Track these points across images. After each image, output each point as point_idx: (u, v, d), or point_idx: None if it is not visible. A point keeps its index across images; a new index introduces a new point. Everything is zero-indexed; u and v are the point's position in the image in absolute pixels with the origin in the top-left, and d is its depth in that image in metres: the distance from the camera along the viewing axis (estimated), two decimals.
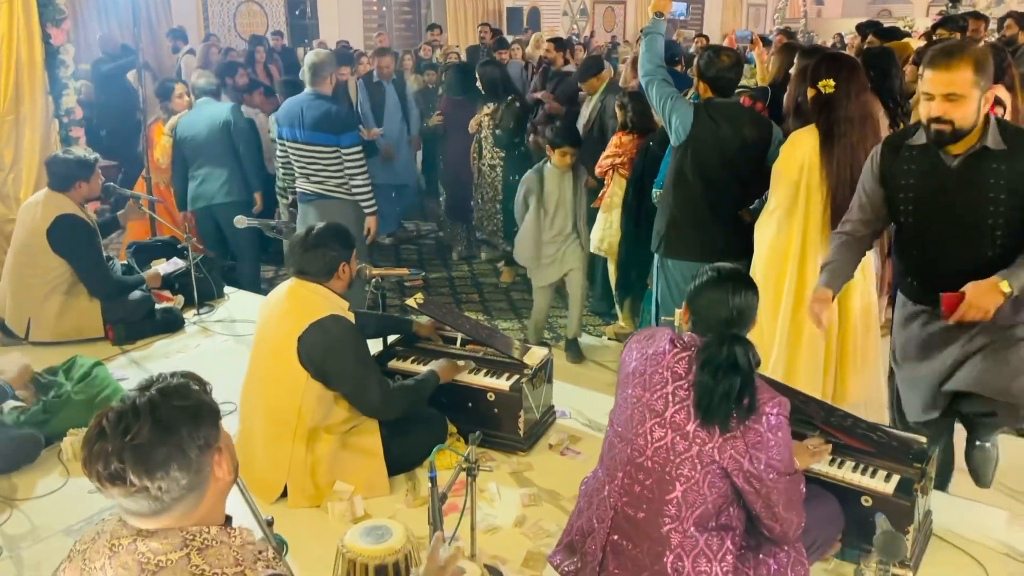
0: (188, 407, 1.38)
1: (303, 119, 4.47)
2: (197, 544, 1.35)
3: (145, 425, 1.32)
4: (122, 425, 1.33)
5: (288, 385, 2.79)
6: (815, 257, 3.13)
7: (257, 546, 1.42)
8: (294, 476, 2.82)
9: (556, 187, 4.38)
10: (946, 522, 2.61)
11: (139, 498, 1.33)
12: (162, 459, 1.32)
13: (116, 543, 1.37)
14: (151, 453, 1.32)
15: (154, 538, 1.35)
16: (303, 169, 4.60)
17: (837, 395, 3.30)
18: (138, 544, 1.35)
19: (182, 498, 1.36)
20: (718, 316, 2.04)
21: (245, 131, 5.30)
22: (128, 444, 1.31)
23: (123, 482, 1.31)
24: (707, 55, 3.47)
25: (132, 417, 1.33)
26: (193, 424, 1.37)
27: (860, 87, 3.04)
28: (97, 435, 1.33)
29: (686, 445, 2.00)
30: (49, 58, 5.05)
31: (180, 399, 1.38)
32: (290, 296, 2.87)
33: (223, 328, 4.42)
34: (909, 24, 9.58)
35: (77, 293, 4.14)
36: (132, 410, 1.34)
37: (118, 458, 1.30)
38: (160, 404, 1.36)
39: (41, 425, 3.19)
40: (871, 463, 2.48)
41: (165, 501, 1.34)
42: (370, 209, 4.63)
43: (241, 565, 1.35)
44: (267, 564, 1.38)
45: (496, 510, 2.77)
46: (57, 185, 4.11)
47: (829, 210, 3.10)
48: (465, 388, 3.13)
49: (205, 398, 1.43)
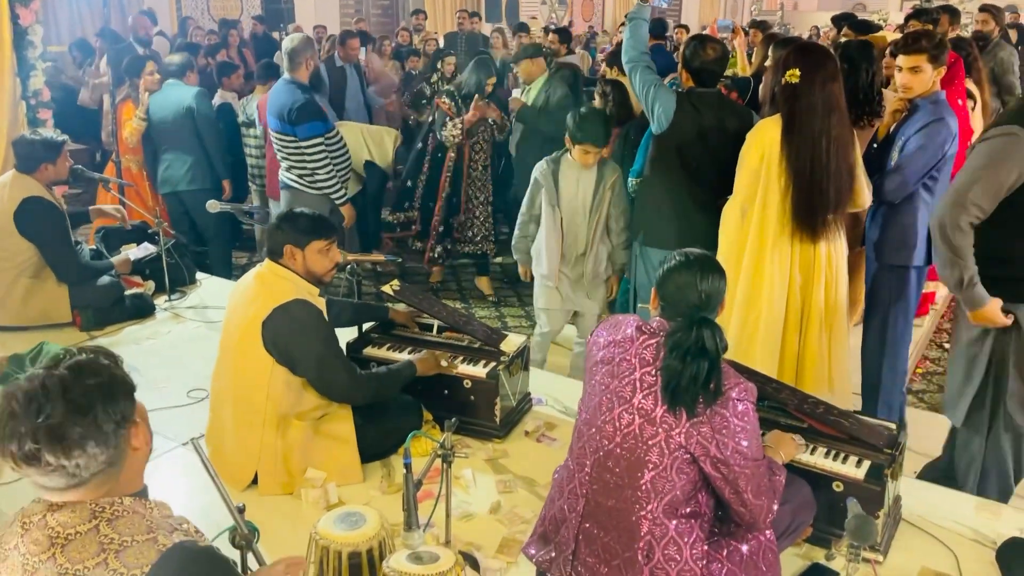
0: (101, 384, 1.36)
1: (272, 108, 4.48)
2: (107, 515, 1.35)
3: (58, 405, 1.31)
4: (34, 406, 1.31)
5: (255, 371, 2.75)
6: (774, 247, 3.12)
7: (177, 519, 1.42)
8: (265, 463, 2.78)
9: (574, 185, 3.71)
10: (916, 507, 2.65)
11: (55, 476, 1.32)
12: (78, 438, 1.31)
13: (27, 520, 1.37)
14: (66, 432, 1.30)
15: (63, 511, 1.35)
16: (278, 157, 4.64)
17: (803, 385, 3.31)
18: (47, 518, 1.35)
19: (101, 471, 1.36)
20: (687, 300, 2.04)
21: (209, 118, 5.22)
22: (41, 425, 1.29)
23: (38, 462, 1.30)
24: (693, 45, 3.47)
25: (43, 397, 1.31)
26: (108, 400, 1.36)
27: (827, 77, 3.01)
28: (8, 416, 1.31)
29: (653, 431, 2.00)
30: (17, 39, 4.94)
31: (92, 376, 1.36)
32: (258, 280, 2.84)
33: (195, 314, 4.36)
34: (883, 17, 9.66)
35: (44, 277, 4.06)
36: (42, 390, 1.32)
37: (32, 439, 1.29)
38: (72, 383, 1.34)
39: None
40: (842, 449, 2.50)
41: (83, 476, 1.34)
42: (340, 200, 4.64)
43: (154, 532, 1.35)
44: (185, 534, 1.38)
45: (471, 497, 2.76)
46: (23, 167, 4.02)
47: (789, 199, 3.10)
48: (441, 376, 3.11)
49: (117, 372, 1.41)
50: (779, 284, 3.14)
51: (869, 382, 3.57)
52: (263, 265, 2.86)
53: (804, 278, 3.19)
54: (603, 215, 3.71)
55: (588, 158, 3.64)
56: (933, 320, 5.03)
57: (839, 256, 3.24)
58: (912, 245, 3.29)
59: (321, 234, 2.82)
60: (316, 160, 4.50)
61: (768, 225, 3.13)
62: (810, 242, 3.11)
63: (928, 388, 4.34)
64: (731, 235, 3.24)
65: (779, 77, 3.11)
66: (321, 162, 4.51)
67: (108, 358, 1.42)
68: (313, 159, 4.50)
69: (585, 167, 3.67)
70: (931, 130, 3.10)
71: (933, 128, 3.10)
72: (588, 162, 3.66)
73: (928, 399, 4.22)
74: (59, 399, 1.31)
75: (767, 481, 2.06)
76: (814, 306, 3.21)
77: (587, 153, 3.63)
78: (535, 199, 3.78)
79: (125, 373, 1.43)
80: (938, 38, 3.20)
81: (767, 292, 3.16)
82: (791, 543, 2.38)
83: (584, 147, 3.61)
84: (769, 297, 3.15)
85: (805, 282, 3.19)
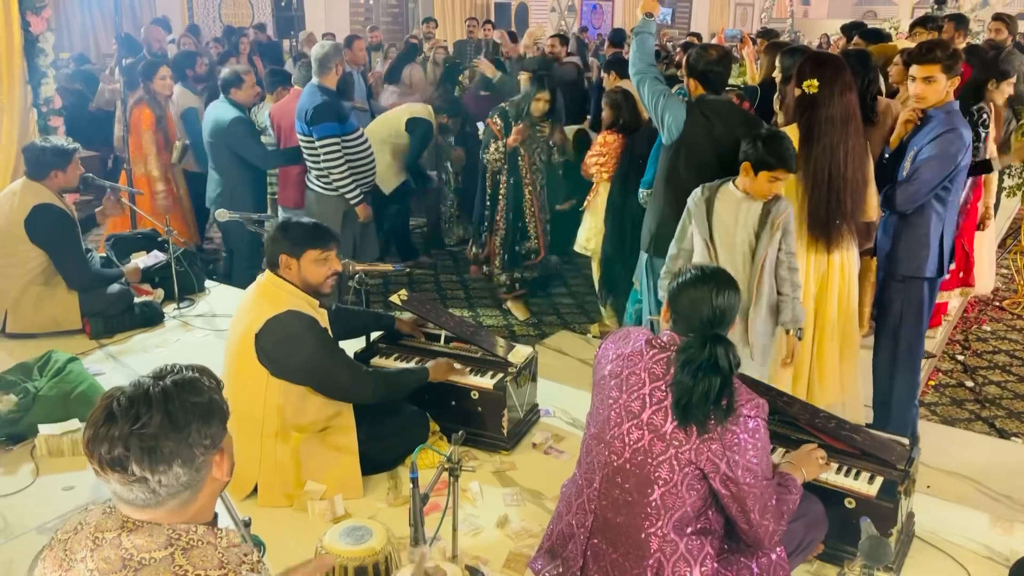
0: (201, 404, 1.36)
1: (297, 112, 4.57)
2: (182, 544, 1.34)
3: (157, 415, 1.30)
4: (133, 411, 1.31)
5: (251, 382, 2.73)
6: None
7: (242, 548, 1.40)
8: (265, 474, 2.76)
9: (732, 221, 3.06)
10: (929, 524, 2.61)
11: (136, 488, 1.31)
12: (167, 453, 1.30)
13: (100, 535, 1.35)
14: (157, 445, 1.30)
15: (139, 533, 1.33)
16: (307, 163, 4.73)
17: (815, 396, 3.29)
18: (122, 538, 1.33)
19: (177, 494, 1.34)
20: (700, 315, 2.01)
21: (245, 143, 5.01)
22: (136, 432, 1.29)
23: (124, 470, 1.29)
24: (695, 51, 3.47)
25: (143, 405, 1.31)
26: (203, 422, 1.35)
27: (844, 87, 3.03)
28: (105, 418, 1.31)
29: (663, 447, 1.98)
30: (28, 46, 4.95)
31: (195, 395, 1.36)
32: (258, 291, 2.82)
33: (203, 323, 4.36)
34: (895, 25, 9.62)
35: (55, 284, 4.07)
36: (144, 398, 1.32)
37: (124, 445, 1.28)
38: (174, 396, 1.34)
39: (14, 423, 3.13)
40: (855, 465, 2.47)
41: (161, 495, 1.33)
42: (355, 200, 4.68)
43: (225, 568, 1.34)
44: (252, 568, 1.36)
45: (478, 510, 2.74)
46: (33, 173, 4.04)
47: (806, 210, 3.08)
48: (448, 386, 3.09)
49: (217, 396, 1.41)
50: None
51: (881, 395, 3.53)
52: (264, 276, 2.84)
53: (818, 287, 3.17)
54: (770, 258, 3.03)
55: (777, 187, 3.00)
56: (946, 331, 4.98)
57: (851, 266, 3.23)
58: (924, 256, 3.26)
59: (316, 243, 2.75)
60: (330, 160, 4.56)
61: None
62: (824, 251, 3.10)
63: (941, 401, 4.29)
64: None
65: (795, 87, 3.09)
66: (335, 162, 4.56)
67: (211, 380, 1.43)
68: (327, 159, 4.55)
69: (763, 199, 3.02)
70: (944, 140, 3.08)
71: (946, 138, 3.08)
72: (773, 191, 3.01)
73: (941, 412, 4.17)
74: (159, 410, 1.31)
75: (775, 502, 2.03)
76: (827, 316, 3.19)
77: (777, 181, 2.97)
78: (687, 231, 3.20)
79: (223, 399, 1.43)
80: (952, 48, 3.18)
81: None
82: (803, 560, 2.35)
83: (776, 174, 2.94)
84: None
85: (819, 291, 3.17)
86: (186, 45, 7.57)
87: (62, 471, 2.97)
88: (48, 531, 2.65)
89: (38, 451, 3.07)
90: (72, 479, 2.93)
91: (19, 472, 2.99)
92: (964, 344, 4.98)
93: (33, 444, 3.10)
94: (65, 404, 3.18)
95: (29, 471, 2.99)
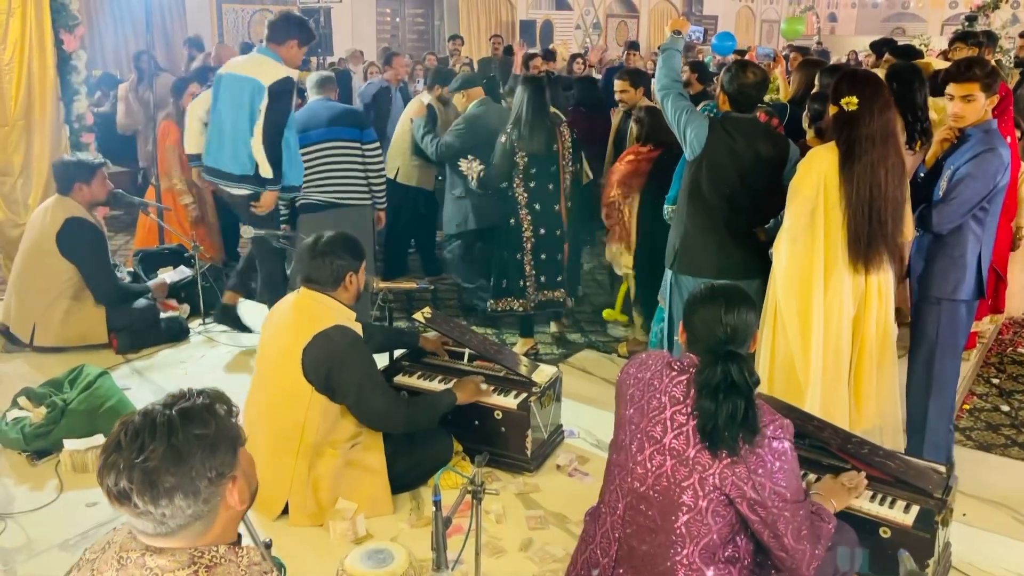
0: (206, 436, 1.34)
1: (321, 118, 4.47)
2: (205, 562, 1.34)
3: (160, 447, 1.30)
4: (138, 442, 1.30)
5: (292, 399, 2.73)
6: (837, 280, 3.05)
7: (263, 567, 1.40)
8: (296, 493, 2.75)
9: None
10: (966, 555, 2.53)
11: (145, 519, 1.32)
12: (168, 488, 1.29)
13: (124, 555, 1.36)
14: (158, 479, 1.29)
15: (162, 555, 1.34)
16: (322, 173, 4.48)
17: (853, 419, 3.21)
18: (146, 559, 1.34)
19: (188, 525, 1.34)
20: (713, 334, 1.98)
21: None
22: (138, 465, 1.29)
23: (128, 502, 1.30)
24: (733, 69, 3.43)
25: (148, 435, 1.31)
26: (208, 454, 1.33)
27: (884, 104, 2.97)
28: (114, 446, 1.32)
29: (686, 472, 1.93)
30: (61, 64, 5.05)
31: (200, 426, 1.34)
32: (296, 307, 2.82)
33: (228, 339, 4.37)
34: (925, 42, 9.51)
35: (84, 299, 4.11)
36: (151, 428, 1.32)
37: (127, 477, 1.29)
38: (178, 428, 1.32)
39: (44, 436, 3.15)
40: (889, 492, 2.40)
41: (170, 526, 1.32)
42: (381, 205, 4.71)
43: None
44: None
45: (502, 533, 2.70)
46: (61, 188, 4.11)
47: (847, 230, 3.02)
48: (472, 406, 3.06)
49: (225, 424, 1.39)
50: (836, 316, 3.06)
51: (915, 420, 3.43)
52: (299, 292, 2.84)
53: (856, 310, 3.11)
54: None
55: None
56: (980, 354, 4.87)
57: (888, 287, 3.16)
58: (961, 278, 3.18)
59: (363, 255, 2.89)
60: (377, 163, 4.62)
61: (830, 256, 3.05)
62: (863, 272, 3.03)
63: (976, 426, 4.18)
64: (785, 267, 3.16)
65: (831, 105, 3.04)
66: (381, 166, 4.65)
67: (223, 405, 1.41)
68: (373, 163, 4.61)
69: None
70: (982, 160, 3.01)
71: (984, 158, 3.01)
72: None
73: (976, 437, 4.06)
74: (162, 442, 1.30)
75: (809, 524, 1.97)
76: (866, 338, 3.12)
77: None
78: None
79: (234, 425, 1.41)
80: (990, 66, 3.11)
81: (828, 325, 3.08)
82: None
83: None
84: (836, 328, 3.07)
85: (857, 314, 3.11)
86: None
87: (86, 487, 2.98)
88: (71, 548, 2.65)
89: (63, 466, 3.08)
90: (96, 495, 2.91)
91: (44, 487, 3.00)
92: (999, 367, 4.86)
93: (58, 459, 3.11)
94: (93, 418, 3.19)
95: (53, 486, 3.00)
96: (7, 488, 2.99)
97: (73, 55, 5.08)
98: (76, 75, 5.11)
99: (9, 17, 4.76)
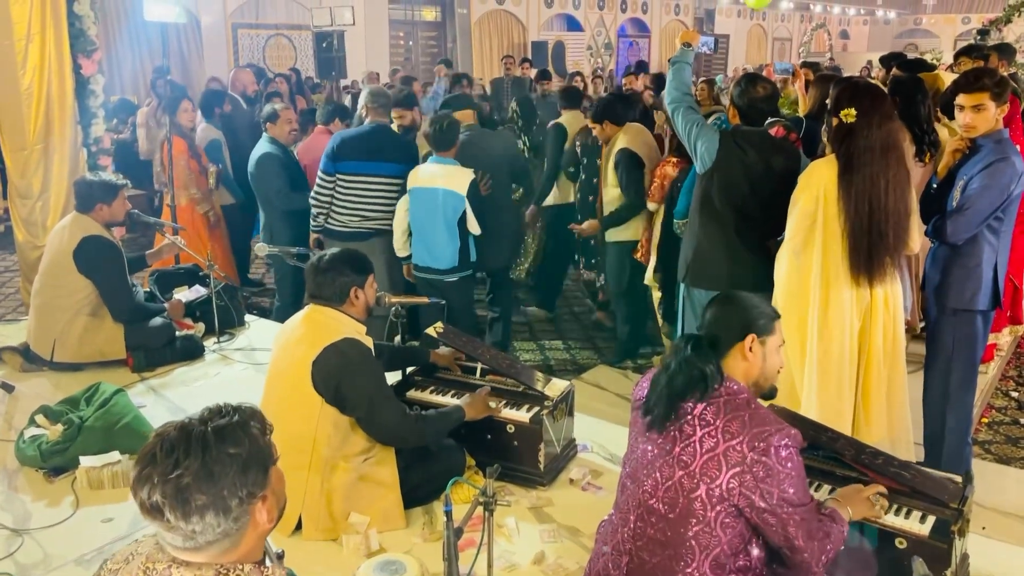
0: (239, 455, 1.35)
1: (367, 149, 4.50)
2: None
3: (194, 464, 1.31)
4: (173, 457, 1.32)
5: (303, 413, 2.74)
6: (838, 293, 3.03)
7: None
8: (309, 508, 2.76)
9: None
10: (984, 567, 2.49)
11: (174, 534, 1.33)
12: (200, 505, 1.31)
13: (151, 567, 1.37)
14: (190, 496, 1.30)
15: (189, 568, 1.35)
16: (360, 204, 4.56)
17: (862, 433, 3.19)
18: (173, 571, 1.35)
19: (217, 542, 1.35)
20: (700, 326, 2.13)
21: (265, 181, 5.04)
22: (171, 480, 1.30)
23: (160, 516, 1.31)
24: (743, 83, 3.45)
25: (183, 451, 1.32)
26: (240, 474, 1.35)
27: (884, 116, 2.95)
28: (149, 458, 1.33)
29: (693, 484, 1.94)
30: (79, 88, 5.14)
31: (234, 444, 1.35)
32: (306, 322, 2.84)
33: (243, 356, 4.40)
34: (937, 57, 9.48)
35: (102, 316, 4.15)
36: (186, 443, 1.33)
37: (161, 492, 1.30)
38: (212, 446, 1.34)
39: (61, 453, 3.17)
40: (905, 503, 2.37)
41: (199, 541, 1.34)
42: None
43: None
44: None
45: (514, 547, 2.69)
46: (81, 206, 4.16)
47: (847, 243, 3.01)
48: (484, 419, 3.06)
49: (259, 444, 1.40)
50: (837, 329, 3.04)
51: (932, 433, 3.40)
52: (309, 308, 2.87)
53: (862, 323, 3.09)
54: None
55: None
56: (999, 366, 4.81)
57: (896, 299, 3.13)
58: (977, 288, 3.16)
59: (369, 268, 2.91)
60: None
61: (830, 268, 3.04)
62: (867, 285, 3.01)
63: (995, 439, 4.13)
64: (785, 280, 3.15)
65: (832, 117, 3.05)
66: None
67: (257, 424, 1.42)
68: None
69: None
70: (995, 169, 3.00)
71: (997, 167, 3.00)
72: None
73: (995, 450, 4.01)
74: (197, 459, 1.31)
75: (818, 524, 1.97)
76: (873, 351, 3.10)
77: None
78: None
79: (267, 444, 1.42)
80: (999, 75, 3.11)
81: (832, 338, 3.06)
82: None
83: None
84: (839, 342, 3.06)
85: (863, 327, 3.09)
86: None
87: (102, 503, 3.00)
88: (87, 563, 2.66)
89: (79, 483, 3.10)
90: (112, 511, 2.95)
91: (60, 504, 3.02)
92: (1018, 380, 4.81)
93: (74, 476, 3.13)
94: (109, 436, 3.22)
95: (69, 503, 3.02)
96: (24, 504, 3.01)
97: (91, 79, 5.18)
98: (94, 99, 5.20)
99: (29, 43, 4.85)
